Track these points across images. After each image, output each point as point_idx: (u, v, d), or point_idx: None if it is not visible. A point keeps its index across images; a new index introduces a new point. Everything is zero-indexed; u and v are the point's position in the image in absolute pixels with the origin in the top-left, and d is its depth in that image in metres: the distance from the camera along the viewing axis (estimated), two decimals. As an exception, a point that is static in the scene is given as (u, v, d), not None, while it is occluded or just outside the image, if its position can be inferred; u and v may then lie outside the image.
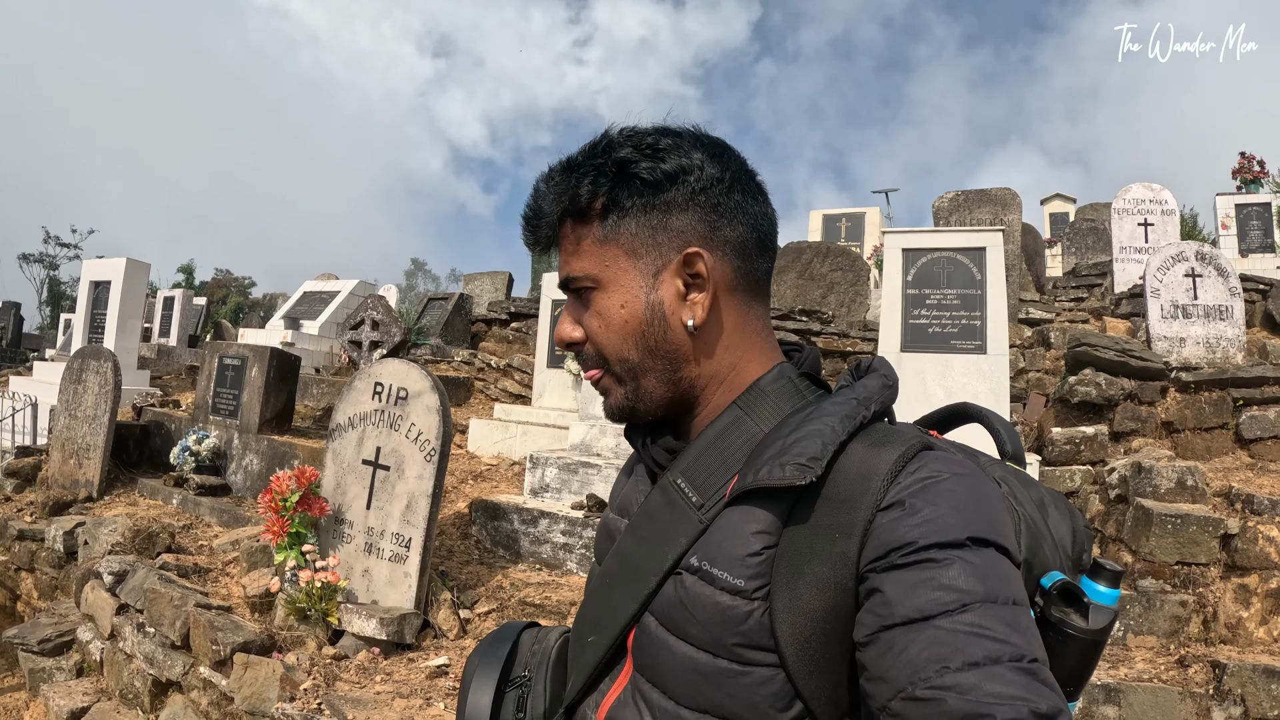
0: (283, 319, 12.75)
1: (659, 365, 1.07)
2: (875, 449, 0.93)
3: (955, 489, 0.87)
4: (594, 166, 1.05)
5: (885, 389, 1.03)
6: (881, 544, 0.85)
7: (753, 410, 1.05)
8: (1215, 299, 9.01)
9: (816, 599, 0.88)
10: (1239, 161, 16.85)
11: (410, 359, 8.29)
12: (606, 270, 1.06)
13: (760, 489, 0.94)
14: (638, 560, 1.04)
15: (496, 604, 5.04)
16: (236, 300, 29.42)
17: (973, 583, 0.79)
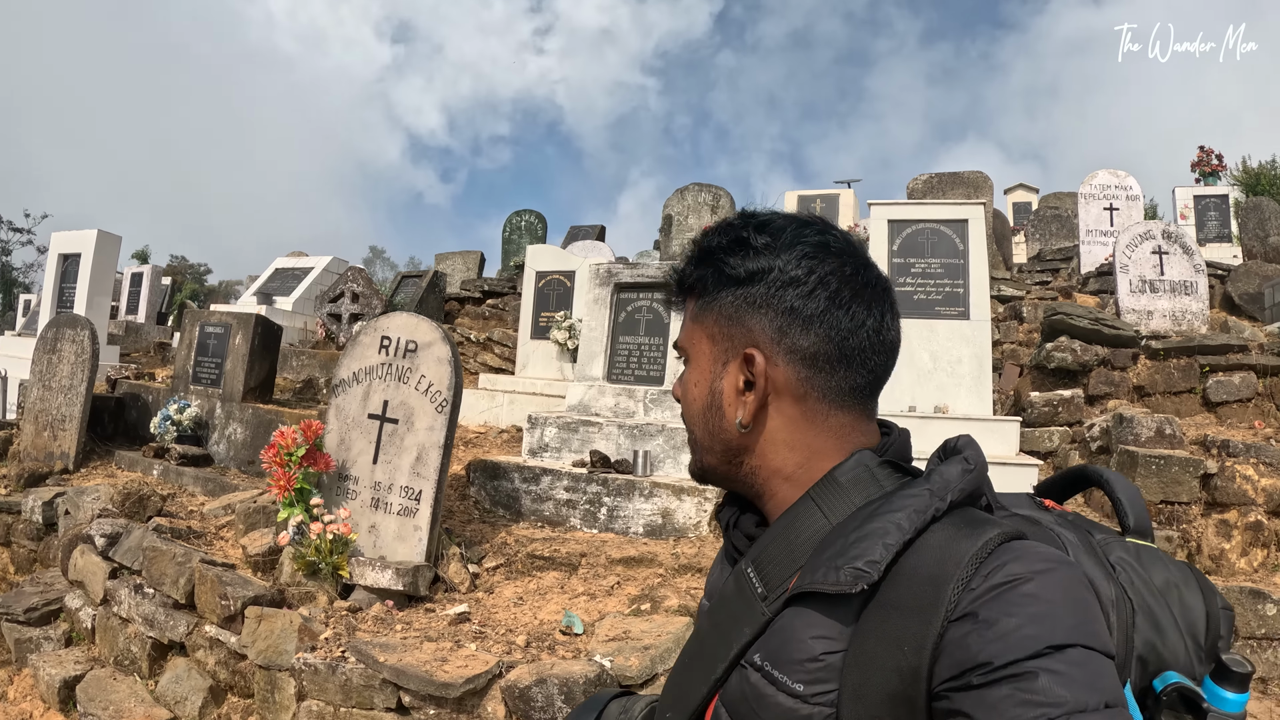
0: (255, 295, 12.58)
1: (717, 448, 1.09)
2: (949, 545, 0.87)
3: (1034, 592, 0.80)
4: (699, 249, 1.10)
5: (965, 474, 0.96)
6: (955, 663, 0.79)
7: (824, 502, 1.00)
8: (1181, 275, 9.26)
9: (885, 713, 0.83)
10: (1198, 155, 17.29)
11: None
12: (692, 347, 1.11)
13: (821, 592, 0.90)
14: (710, 645, 1.02)
15: (504, 559, 5.02)
16: (192, 287, 28.94)
17: (1059, 692, 0.73)
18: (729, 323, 1.06)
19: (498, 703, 3.56)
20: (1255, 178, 22.57)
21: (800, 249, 1.03)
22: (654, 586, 4.57)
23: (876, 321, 1.05)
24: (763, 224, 1.06)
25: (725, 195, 14.86)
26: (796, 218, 1.08)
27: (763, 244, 1.04)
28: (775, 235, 1.04)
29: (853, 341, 1.03)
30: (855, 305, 1.03)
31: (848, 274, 1.03)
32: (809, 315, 1.02)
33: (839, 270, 1.03)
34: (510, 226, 17.06)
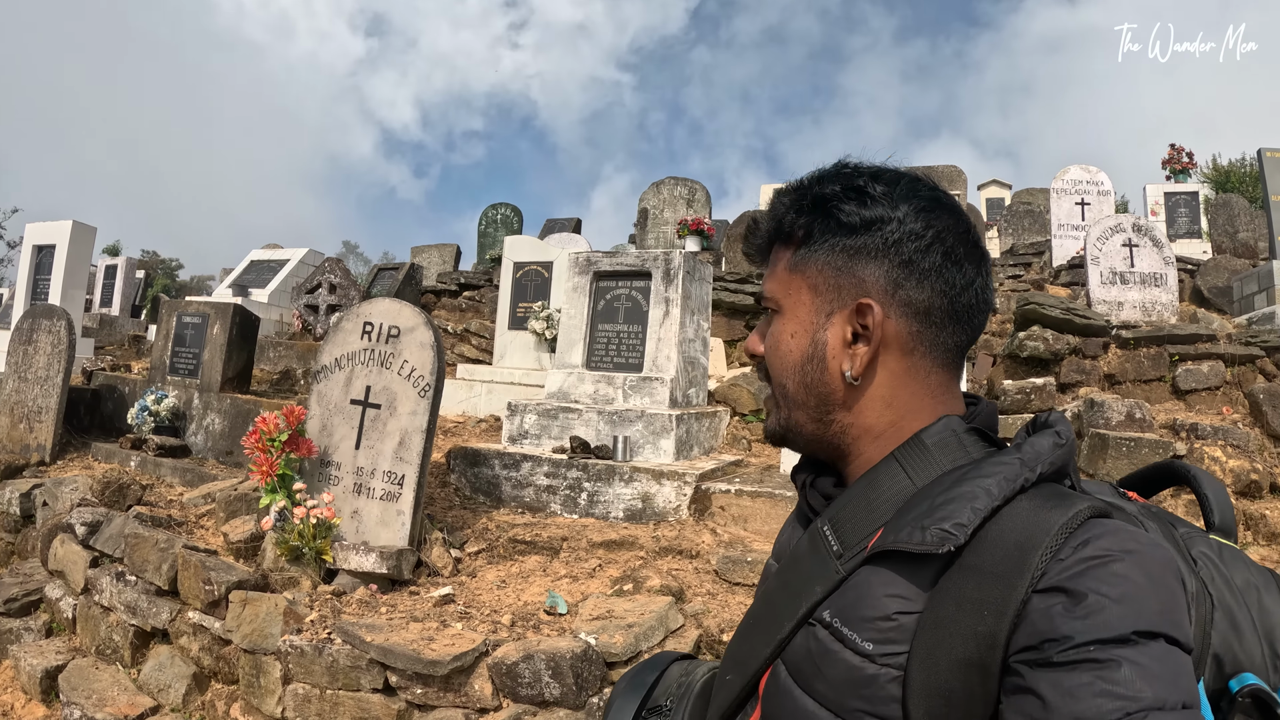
0: (231, 287, 12.51)
1: (811, 402, 1.05)
2: (1038, 513, 0.85)
3: (1125, 572, 0.77)
4: (803, 196, 1.06)
5: (1056, 449, 0.94)
6: (1036, 633, 0.77)
7: (909, 463, 0.99)
8: (1151, 267, 9.39)
9: (956, 679, 0.81)
10: (1169, 153, 17.47)
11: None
12: (788, 298, 1.07)
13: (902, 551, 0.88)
14: (777, 604, 1.01)
15: (486, 544, 5.05)
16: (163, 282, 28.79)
17: (1138, 686, 0.71)
18: (837, 272, 1.03)
19: (485, 680, 3.60)
20: (1225, 175, 22.93)
21: (917, 202, 1.02)
22: (636, 568, 4.61)
23: (984, 281, 1.05)
24: (877, 174, 1.04)
25: (700, 189, 14.92)
26: (906, 172, 1.06)
27: (880, 193, 1.02)
28: (891, 185, 1.03)
29: (964, 299, 1.03)
30: (967, 263, 1.03)
31: (960, 231, 1.03)
32: (925, 269, 1.01)
33: (954, 227, 1.03)
34: (486, 220, 17.07)
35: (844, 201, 1.01)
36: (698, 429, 6.49)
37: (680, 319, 6.51)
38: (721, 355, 9.35)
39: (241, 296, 11.94)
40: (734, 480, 5.64)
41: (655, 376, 6.41)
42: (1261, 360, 7.39)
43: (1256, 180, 12.78)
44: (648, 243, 14.68)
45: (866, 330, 1.01)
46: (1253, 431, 6.06)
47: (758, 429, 7.80)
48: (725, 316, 9.73)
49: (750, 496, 5.28)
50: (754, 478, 5.85)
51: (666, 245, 13.99)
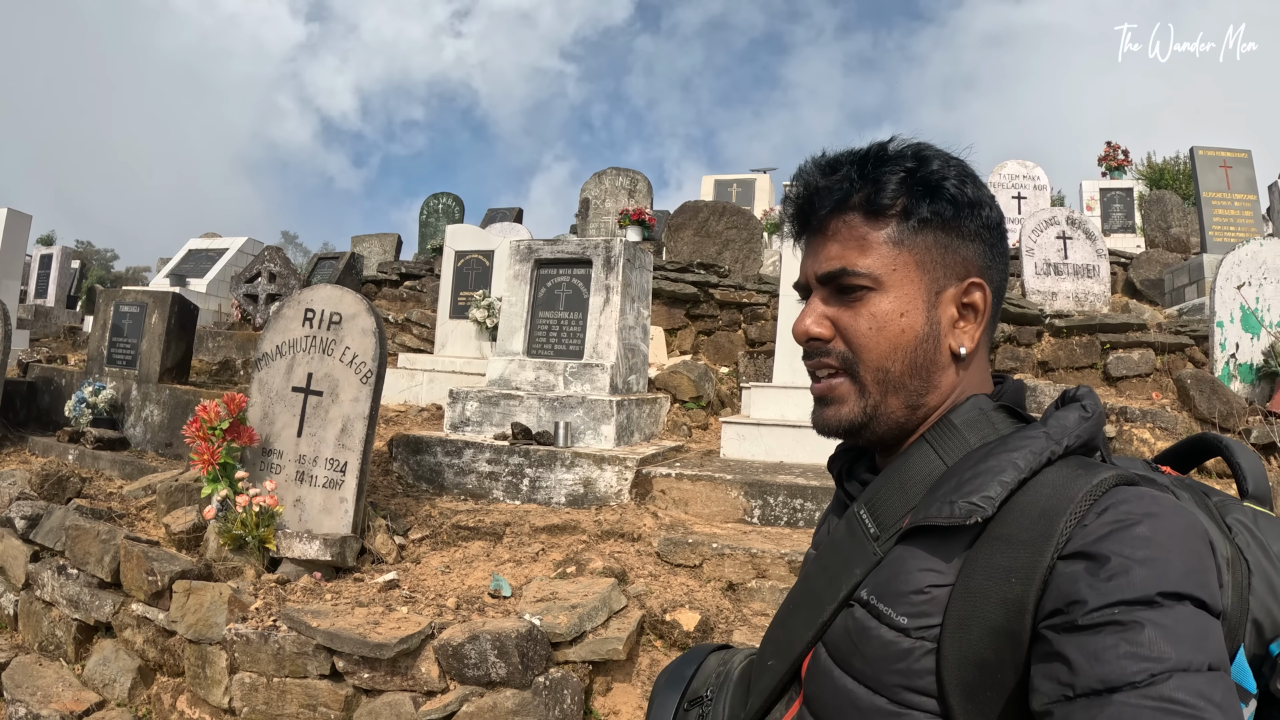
0: (168, 277, 12.34)
1: (914, 385, 1.03)
2: (1064, 483, 0.87)
3: (1148, 535, 0.79)
4: (904, 168, 1.02)
5: (1083, 422, 0.96)
6: (1062, 596, 0.79)
7: (939, 443, 1.01)
8: (1084, 259, 9.63)
9: (987, 647, 0.83)
10: (1105, 150, 17.86)
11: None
12: (894, 274, 1.02)
13: (934, 526, 0.91)
14: (818, 588, 1.03)
15: (429, 530, 5.08)
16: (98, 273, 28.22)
17: (1164, 648, 0.72)
18: (945, 250, 1.03)
19: (431, 663, 3.64)
20: (1159, 173, 23.42)
21: (988, 191, 1.06)
22: (578, 552, 4.67)
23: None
24: (945, 155, 1.05)
25: (642, 179, 14.98)
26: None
27: (972, 175, 1.05)
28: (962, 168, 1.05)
29: (1005, 280, 1.09)
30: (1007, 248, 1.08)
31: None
32: (1000, 252, 1.07)
33: (1002, 218, 1.08)
34: (428, 209, 16.99)
35: (951, 178, 1.02)
36: (638, 415, 6.56)
37: (621, 306, 6.57)
38: (662, 343, 9.41)
39: (179, 286, 11.76)
40: (675, 465, 5.71)
41: (596, 363, 6.46)
42: (1191, 348, 7.62)
43: (1189, 178, 13.10)
44: (589, 232, 14.70)
45: (971, 309, 1.04)
46: (1180, 415, 6.25)
47: (698, 415, 7.88)
48: (665, 305, 9.80)
49: (691, 480, 5.36)
50: (694, 462, 5.94)
51: (608, 235, 14.03)
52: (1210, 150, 11.41)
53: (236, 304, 10.50)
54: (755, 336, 9.50)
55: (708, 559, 4.56)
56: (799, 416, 6.31)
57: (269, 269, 10.13)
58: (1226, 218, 11.04)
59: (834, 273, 1.03)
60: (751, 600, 4.36)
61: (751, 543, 4.64)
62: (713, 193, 17.45)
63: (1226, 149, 11.46)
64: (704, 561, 4.56)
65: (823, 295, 1.07)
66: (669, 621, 4.06)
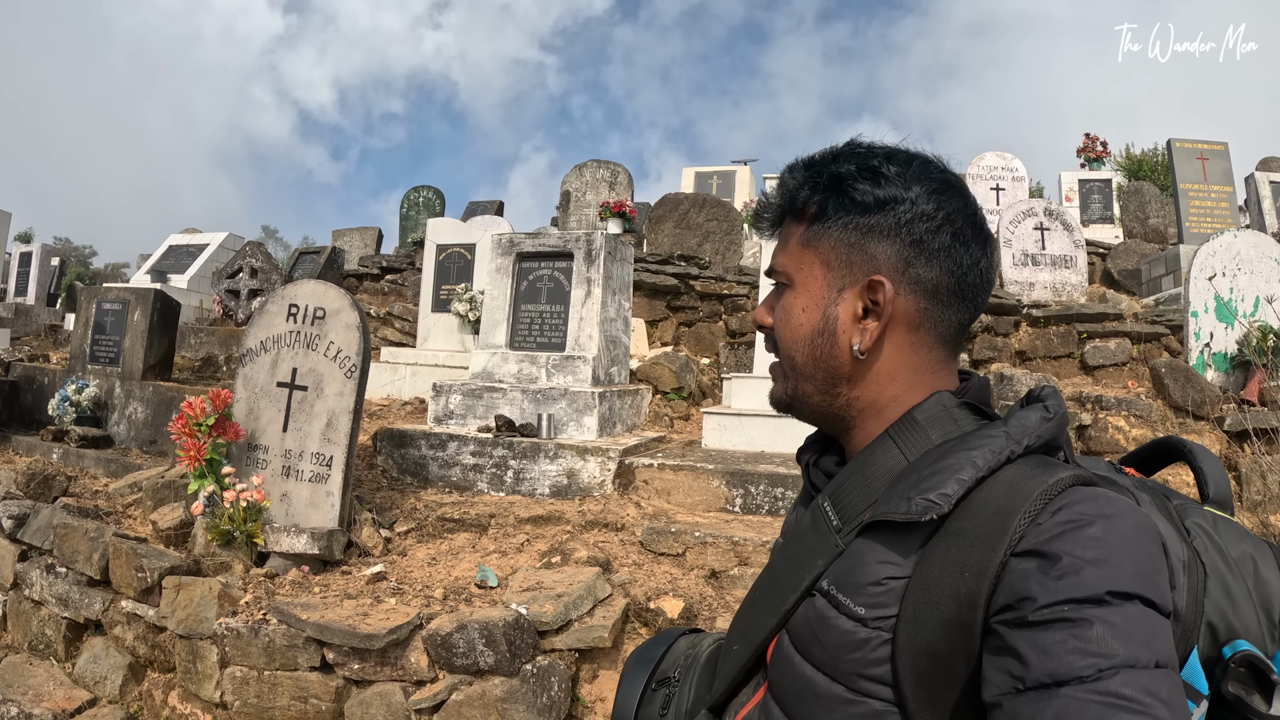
0: (149, 273, 12.28)
1: (818, 375, 1.08)
2: (1021, 482, 0.89)
3: (1100, 535, 0.80)
4: (816, 174, 1.08)
5: (1044, 422, 0.97)
6: (1013, 593, 0.80)
7: (901, 439, 1.03)
8: (1061, 250, 9.72)
9: (940, 639, 0.85)
10: (1084, 141, 18.03)
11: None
12: (800, 272, 1.09)
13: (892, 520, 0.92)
14: (783, 577, 1.05)
15: (415, 523, 5.12)
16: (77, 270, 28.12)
17: (1112, 644, 0.74)
18: (849, 249, 1.05)
19: (420, 652, 3.69)
20: (1138, 164, 23.61)
21: (929, 183, 1.04)
22: (563, 542, 4.72)
23: (988, 261, 1.08)
24: (891, 154, 1.07)
25: (623, 171, 14.99)
26: (919, 153, 1.09)
27: (894, 173, 1.04)
28: (904, 166, 1.05)
29: (969, 279, 1.06)
30: (974, 244, 1.06)
31: (969, 214, 1.06)
32: (935, 249, 1.04)
33: (963, 209, 1.06)
34: (408, 203, 16.95)
35: (859, 180, 1.04)
36: (620, 406, 6.61)
37: (602, 299, 6.62)
38: (643, 335, 9.46)
39: (160, 282, 11.72)
40: (657, 455, 5.77)
41: (578, 355, 6.51)
42: (1166, 338, 7.71)
43: (1167, 169, 13.22)
44: (570, 225, 14.72)
45: (877, 306, 1.04)
46: (1155, 403, 6.33)
47: (680, 406, 7.93)
48: (646, 297, 9.85)
49: (673, 470, 5.42)
50: (676, 452, 5.99)
51: (589, 227, 14.05)
52: (1188, 142, 11.50)
53: (218, 300, 10.49)
54: (736, 328, 9.56)
55: (690, 547, 4.61)
56: (779, 406, 6.35)
57: (250, 264, 10.12)
58: (1203, 209, 11.14)
59: (769, 269, 1.15)
60: (734, 588, 4.42)
61: (734, 531, 4.70)
62: (693, 185, 17.50)
63: (1204, 141, 11.55)
64: (687, 550, 4.62)
65: (773, 288, 1.17)
66: (653, 609, 4.11)
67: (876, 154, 1.06)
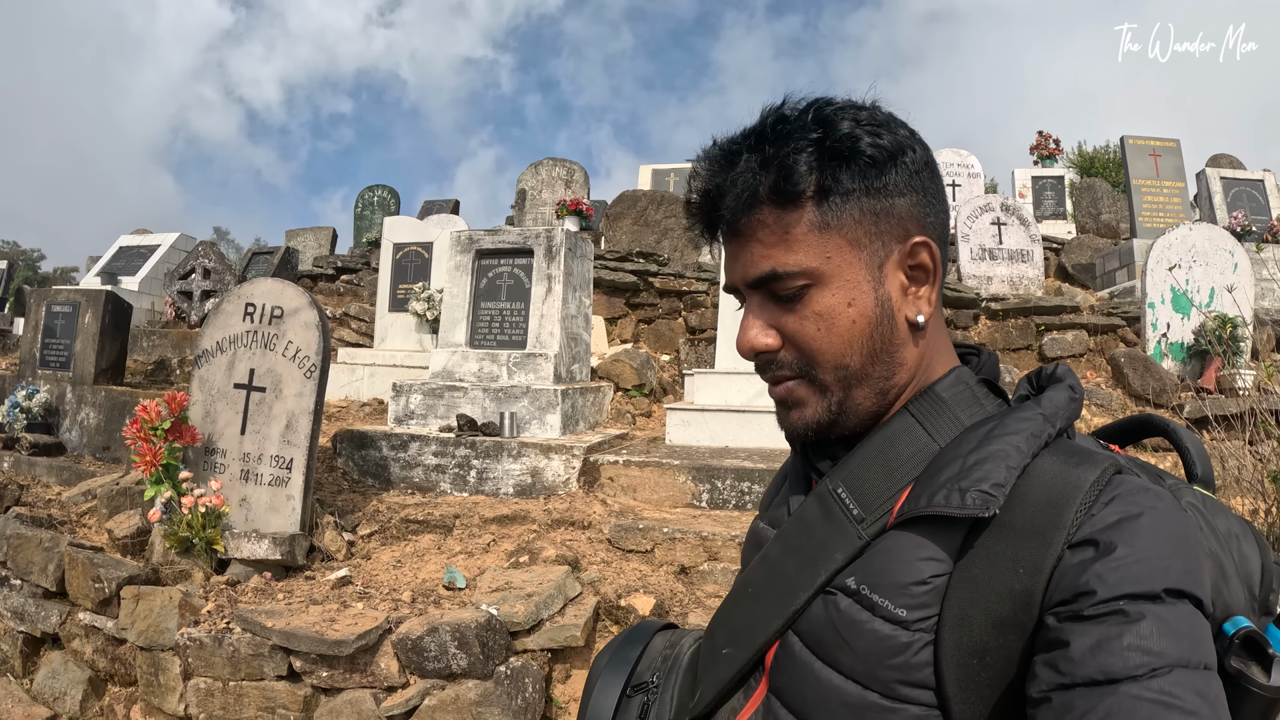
0: (99, 275, 12.02)
1: (878, 371, 0.95)
2: (1066, 471, 0.85)
3: (1154, 528, 0.78)
4: (809, 140, 0.90)
5: (1071, 402, 0.94)
6: (1069, 587, 0.77)
7: (926, 418, 0.95)
8: (1018, 244, 9.83)
9: (991, 638, 0.81)
10: (1037, 139, 18.28)
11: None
12: (829, 263, 0.92)
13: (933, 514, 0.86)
14: (786, 572, 0.96)
15: (378, 525, 5.04)
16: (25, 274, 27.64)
17: (1165, 643, 0.72)
18: (876, 218, 0.93)
19: (390, 658, 3.63)
20: (1090, 161, 24.01)
21: (907, 129, 0.96)
22: (530, 541, 4.67)
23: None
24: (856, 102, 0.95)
25: (579, 169, 14.96)
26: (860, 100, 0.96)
27: (885, 119, 0.94)
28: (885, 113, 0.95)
29: (947, 221, 1.01)
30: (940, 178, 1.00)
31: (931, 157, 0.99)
32: (935, 193, 0.98)
33: (929, 152, 0.98)
34: (363, 202, 16.82)
35: (864, 136, 0.91)
36: (583, 404, 6.57)
37: (563, 295, 6.57)
38: (603, 332, 9.44)
39: (111, 284, 11.49)
40: (621, 452, 5.73)
41: (539, 353, 6.45)
42: (1123, 329, 7.81)
43: (1119, 166, 13.39)
44: (526, 223, 14.66)
45: (921, 270, 0.96)
46: (1115, 392, 6.40)
47: (642, 403, 7.91)
48: (605, 294, 9.84)
49: (639, 467, 5.38)
50: (641, 449, 5.96)
51: (546, 225, 14.02)
52: (1140, 139, 11.68)
53: (170, 302, 10.32)
54: (696, 324, 9.56)
55: (659, 544, 4.58)
56: (743, 401, 6.36)
57: (203, 265, 9.97)
58: (1156, 204, 11.32)
59: (763, 277, 0.94)
60: (704, 583, 4.39)
61: (702, 526, 4.68)
62: (650, 182, 17.49)
63: (1156, 138, 11.75)
64: (655, 546, 4.58)
65: (759, 300, 0.98)
66: (624, 607, 4.08)
67: (858, 105, 0.94)
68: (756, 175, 0.91)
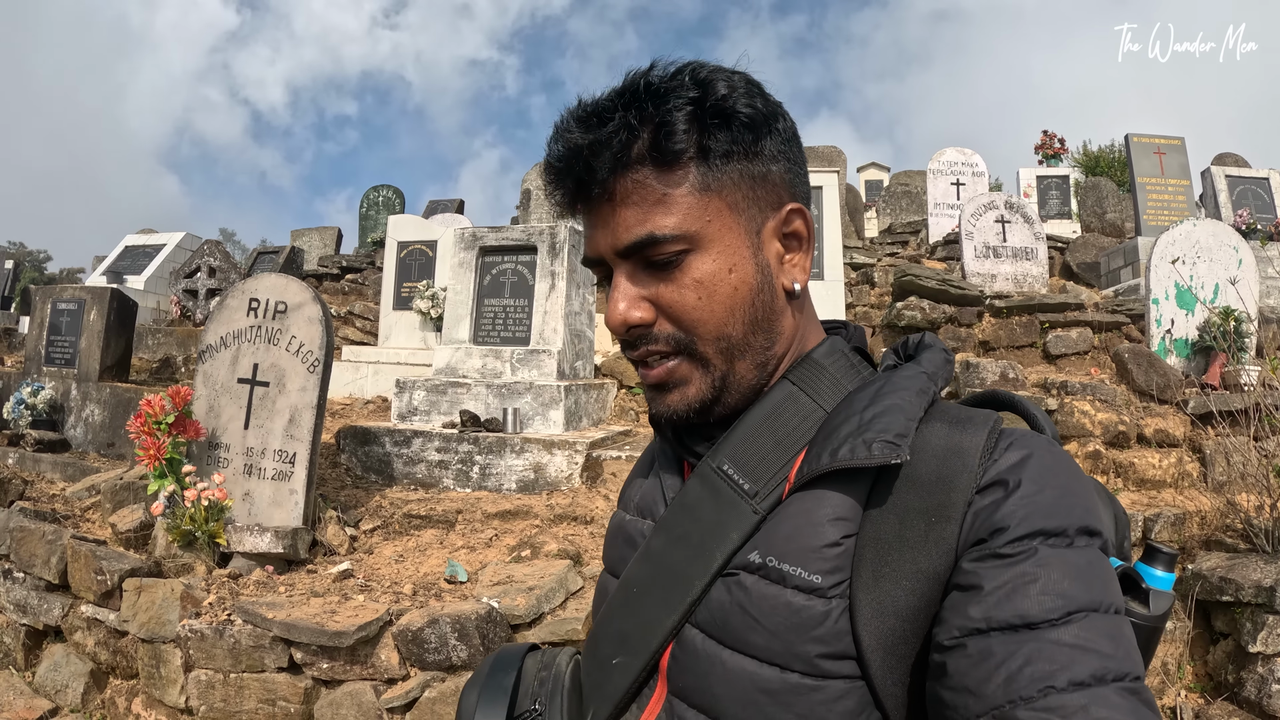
0: (105, 274, 12.07)
1: (759, 342, 0.92)
2: (956, 426, 0.84)
3: (1054, 466, 0.79)
4: (689, 99, 0.86)
5: (947, 364, 0.93)
6: (983, 526, 0.76)
7: (809, 385, 0.93)
8: (1022, 242, 9.80)
9: (909, 595, 0.78)
10: (1042, 139, 18.24)
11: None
12: (709, 227, 0.88)
13: (837, 472, 0.83)
14: (675, 563, 0.91)
15: (381, 521, 5.05)
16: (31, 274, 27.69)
17: (1078, 587, 0.71)
18: (753, 182, 0.90)
19: (391, 649, 3.63)
20: (1095, 160, 23.98)
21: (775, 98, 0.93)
22: (532, 536, 4.68)
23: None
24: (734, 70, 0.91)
25: (586, 170, 14.96)
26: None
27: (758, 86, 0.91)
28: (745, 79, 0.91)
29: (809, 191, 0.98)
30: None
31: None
32: (800, 160, 0.96)
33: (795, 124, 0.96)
34: (368, 202, 16.83)
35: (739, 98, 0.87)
36: (586, 400, 6.57)
37: (566, 292, 6.57)
38: (605, 330, 9.44)
39: (117, 283, 11.54)
40: (624, 448, 5.73)
41: (543, 349, 6.45)
42: (1127, 326, 7.80)
43: (1124, 165, 13.40)
44: (530, 222, 14.69)
45: (796, 238, 0.94)
46: (1119, 388, 6.38)
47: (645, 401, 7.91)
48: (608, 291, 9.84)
49: (642, 463, 5.36)
50: (644, 445, 5.95)
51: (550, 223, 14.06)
52: (1145, 137, 11.64)
53: (176, 300, 10.34)
54: (698, 321, 9.57)
55: (662, 540, 4.57)
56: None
57: (209, 264, 9.99)
58: (1161, 202, 11.28)
59: (639, 243, 0.88)
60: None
61: (704, 522, 4.66)
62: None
63: (1161, 136, 11.70)
64: (658, 542, 4.57)
65: (628, 271, 0.91)
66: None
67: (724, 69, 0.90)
68: (634, 132, 0.86)
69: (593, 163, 0.87)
